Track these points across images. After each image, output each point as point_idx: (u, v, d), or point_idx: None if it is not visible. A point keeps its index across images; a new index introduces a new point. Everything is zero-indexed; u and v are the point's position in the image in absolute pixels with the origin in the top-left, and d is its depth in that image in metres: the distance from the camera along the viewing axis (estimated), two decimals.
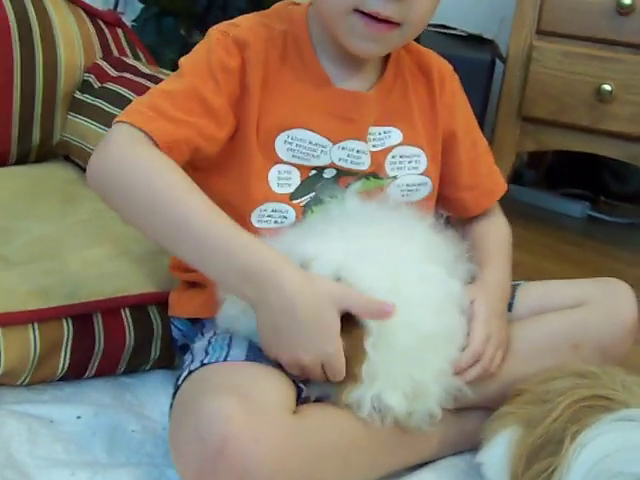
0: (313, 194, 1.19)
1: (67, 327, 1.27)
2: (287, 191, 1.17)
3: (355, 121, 1.19)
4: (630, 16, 2.24)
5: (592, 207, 2.87)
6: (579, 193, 2.94)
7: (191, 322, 1.27)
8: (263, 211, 1.16)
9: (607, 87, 2.26)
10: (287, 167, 1.17)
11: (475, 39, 2.64)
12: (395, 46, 1.19)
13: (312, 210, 1.20)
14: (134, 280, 1.35)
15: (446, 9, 2.08)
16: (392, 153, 1.24)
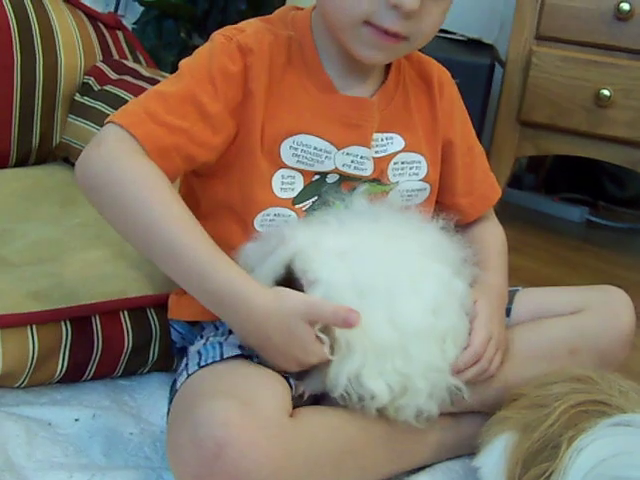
0: (316, 198, 1.20)
1: (65, 329, 1.27)
2: (290, 196, 1.18)
3: (360, 127, 1.20)
4: (629, 22, 2.27)
5: (591, 212, 2.89)
6: (578, 198, 2.96)
7: (190, 325, 1.27)
8: (266, 216, 1.16)
9: (606, 92, 2.29)
10: (291, 172, 1.17)
11: (475, 43, 2.65)
12: (401, 55, 1.21)
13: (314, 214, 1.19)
14: (133, 283, 1.35)
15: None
16: (394, 159, 1.24)
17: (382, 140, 1.23)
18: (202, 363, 1.08)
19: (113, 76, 1.90)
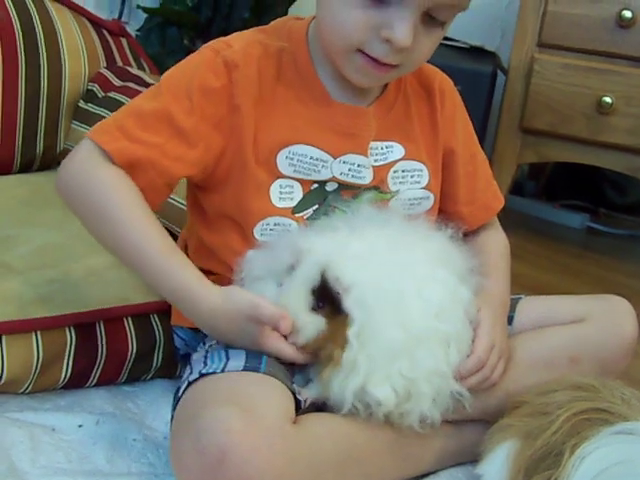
0: (316, 207, 1.20)
1: (70, 335, 1.27)
2: (289, 205, 1.18)
3: (355, 136, 1.20)
4: (631, 29, 2.28)
5: (592, 219, 2.89)
6: (579, 204, 2.95)
7: (193, 331, 1.27)
8: (265, 225, 1.17)
9: (607, 99, 2.29)
10: (289, 182, 1.18)
11: (477, 51, 2.64)
12: (391, 79, 1.22)
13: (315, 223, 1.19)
14: (136, 289, 1.35)
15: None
16: (394, 168, 1.24)
17: (382, 148, 1.23)
18: (204, 372, 1.09)
19: (117, 83, 1.91)
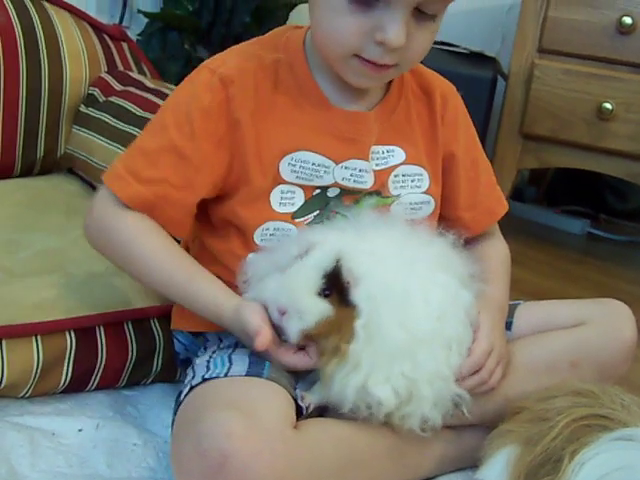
0: (317, 212, 1.20)
1: (70, 340, 1.27)
2: (290, 210, 1.18)
3: (356, 141, 1.20)
4: (631, 35, 2.27)
5: (592, 224, 2.87)
6: (579, 210, 2.94)
7: (194, 336, 1.27)
8: (265, 230, 1.17)
9: (608, 105, 2.28)
10: (291, 187, 1.18)
11: (477, 56, 2.64)
12: (392, 78, 1.22)
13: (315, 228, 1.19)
14: (137, 294, 1.35)
15: (449, 26, 2.09)
16: (395, 172, 1.24)
17: (383, 153, 1.23)
18: (207, 376, 1.09)
19: (118, 87, 1.91)
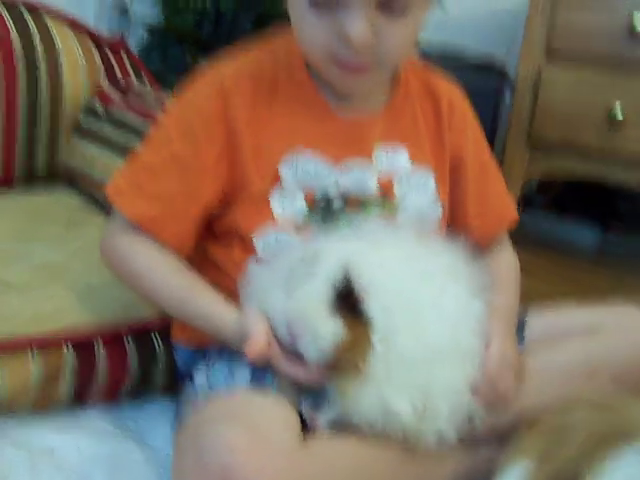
0: (319, 220, 1.18)
1: (68, 354, 1.25)
2: (291, 217, 1.17)
3: (359, 146, 1.19)
4: None
5: (604, 233, 2.84)
6: (590, 219, 2.90)
7: (194, 349, 1.25)
8: (267, 238, 1.16)
9: (619, 111, 2.24)
10: (291, 192, 1.16)
11: (482, 63, 2.61)
12: (382, 78, 1.19)
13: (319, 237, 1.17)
14: (137, 306, 1.34)
15: (454, 33, 2.09)
16: (400, 176, 1.22)
17: (386, 154, 1.21)
18: (208, 389, 1.07)
19: (118, 98, 1.89)
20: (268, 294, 1.07)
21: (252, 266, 1.15)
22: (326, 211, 1.19)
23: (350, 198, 1.19)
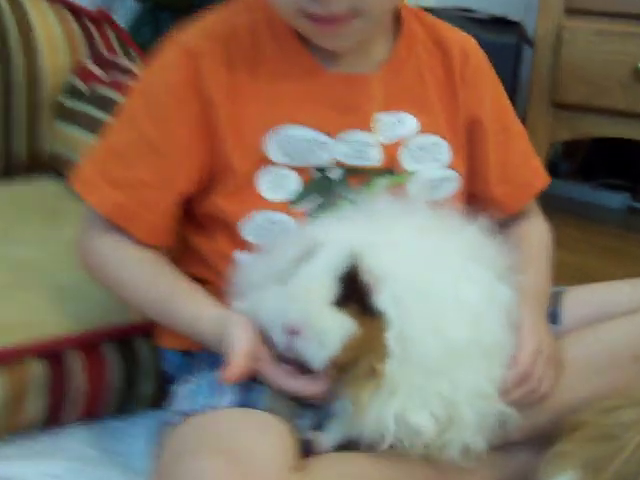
0: (319, 199, 1.08)
1: (36, 367, 1.17)
2: (283, 197, 1.08)
3: (356, 109, 1.09)
4: None
5: (633, 197, 2.79)
6: (618, 183, 2.86)
7: (184, 354, 1.15)
8: (255, 223, 1.07)
9: None
10: (282, 170, 1.07)
11: (499, 22, 2.54)
12: (368, 33, 1.08)
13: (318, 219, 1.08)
14: (118, 308, 1.24)
15: None
16: (407, 144, 1.12)
17: (390, 122, 1.11)
18: (189, 409, 0.97)
19: (102, 76, 1.82)
20: (260, 288, 0.97)
21: (241, 256, 1.06)
22: (324, 188, 1.09)
23: (351, 173, 1.09)
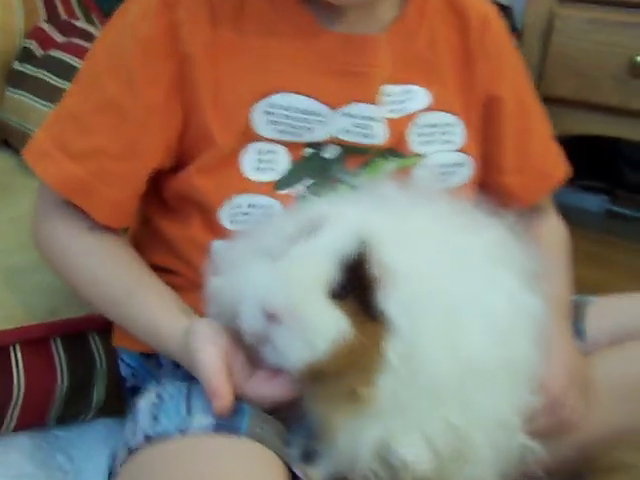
0: (309, 181, 0.97)
1: None
2: (270, 178, 0.96)
3: (361, 76, 0.97)
4: None
5: (610, 201, 2.76)
6: (596, 186, 2.82)
7: (143, 357, 1.05)
8: (236, 208, 0.96)
9: None
10: (270, 146, 0.96)
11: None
12: None
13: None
14: (69, 299, 1.14)
15: None
16: (417, 121, 1.01)
17: (399, 94, 1.00)
18: (152, 433, 0.82)
19: (60, 39, 1.71)
20: (243, 267, 0.84)
21: (216, 245, 0.95)
22: (317, 169, 0.97)
23: (349, 150, 0.98)
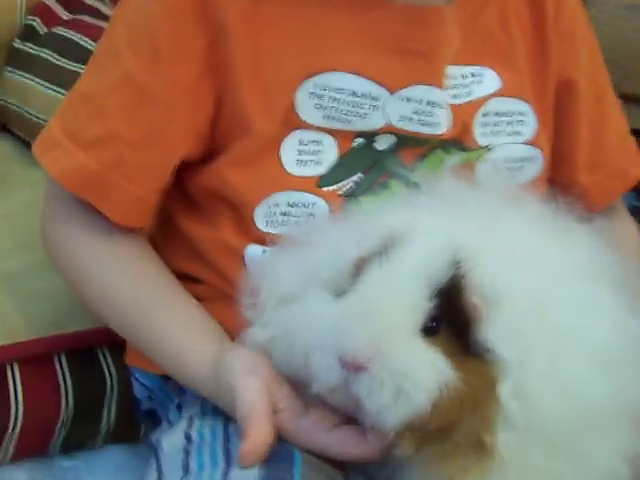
0: (360, 176, 0.90)
1: None
2: (314, 172, 0.89)
3: (425, 55, 0.90)
4: None
5: (636, 197, 2.66)
6: None
7: (161, 377, 0.98)
8: (274, 207, 0.88)
9: None
10: (315, 134, 0.88)
11: None
12: None
13: (359, 202, 0.90)
14: (75, 308, 1.06)
15: None
16: (484, 108, 0.94)
17: (464, 77, 0.94)
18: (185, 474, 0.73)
19: (65, 16, 1.62)
20: (295, 299, 0.74)
21: (252, 250, 0.87)
22: (367, 162, 0.90)
23: (405, 141, 0.90)
